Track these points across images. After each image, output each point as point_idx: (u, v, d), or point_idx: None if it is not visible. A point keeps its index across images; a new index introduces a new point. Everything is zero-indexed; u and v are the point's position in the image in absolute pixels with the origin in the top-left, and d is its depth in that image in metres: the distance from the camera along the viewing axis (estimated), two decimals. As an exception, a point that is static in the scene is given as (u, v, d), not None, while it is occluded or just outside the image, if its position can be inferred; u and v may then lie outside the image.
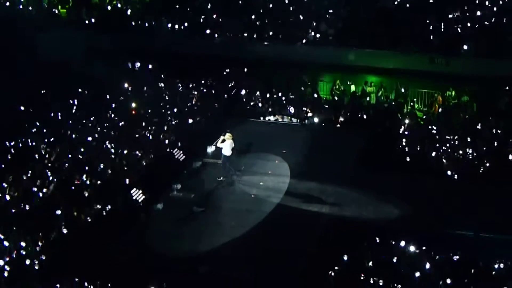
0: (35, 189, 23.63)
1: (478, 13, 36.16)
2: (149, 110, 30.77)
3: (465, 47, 34.60)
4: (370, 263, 20.71)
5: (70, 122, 28.98)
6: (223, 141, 25.83)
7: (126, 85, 32.84)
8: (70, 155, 26.10)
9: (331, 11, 37.87)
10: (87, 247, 21.55)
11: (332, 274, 20.37)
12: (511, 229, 22.66)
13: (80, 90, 32.07)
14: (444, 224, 23.19)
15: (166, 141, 28.52)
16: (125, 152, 26.71)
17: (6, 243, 20.73)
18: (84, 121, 29.11)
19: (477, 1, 37.09)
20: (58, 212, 22.54)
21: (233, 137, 26.04)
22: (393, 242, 21.48)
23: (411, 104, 32.61)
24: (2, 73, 31.74)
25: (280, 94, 33.71)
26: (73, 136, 27.81)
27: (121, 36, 37.30)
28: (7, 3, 36.52)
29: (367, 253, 21.05)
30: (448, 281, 19.82)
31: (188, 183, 26.11)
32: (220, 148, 26.02)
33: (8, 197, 23.01)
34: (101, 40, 36.69)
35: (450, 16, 36.42)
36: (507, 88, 32.79)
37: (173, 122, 30.07)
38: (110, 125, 29.00)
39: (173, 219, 23.87)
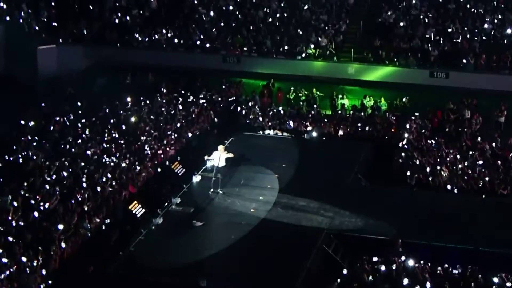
0: (33, 201, 23.58)
1: (478, 26, 36.36)
2: (149, 124, 30.78)
3: (464, 60, 34.71)
4: (370, 277, 20.67)
5: (70, 136, 28.94)
6: (216, 154, 25.84)
7: (126, 98, 32.86)
8: (70, 169, 26.09)
9: (330, 25, 38.10)
10: (86, 261, 21.50)
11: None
12: (510, 243, 22.59)
13: (79, 103, 32.08)
14: (444, 238, 23.12)
15: (166, 155, 28.50)
16: (124, 166, 26.69)
17: (5, 259, 20.66)
18: (83, 135, 29.09)
19: (477, 16, 37.28)
20: (58, 225, 22.51)
21: (225, 149, 26.14)
22: (393, 256, 21.45)
23: (412, 117, 32.58)
24: (2, 86, 31.83)
25: (280, 108, 33.80)
26: (73, 150, 27.79)
27: (121, 49, 37.46)
28: (8, 17, 36.59)
29: (367, 267, 21.02)
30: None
31: (188, 197, 26.06)
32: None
33: (8, 212, 22.97)
34: (101, 53, 36.82)
35: (450, 30, 36.57)
36: (507, 101, 32.84)
37: (173, 136, 30.05)
38: (109, 139, 28.99)
39: (173, 233, 23.79)
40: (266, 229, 23.84)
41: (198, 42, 37.72)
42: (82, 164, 26.46)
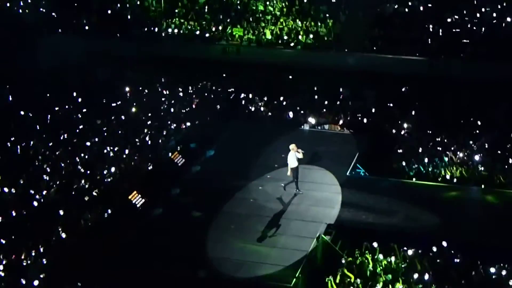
0: (33, 191, 23.66)
1: (478, 16, 36.25)
2: (149, 114, 30.79)
3: (464, 51, 34.63)
4: (370, 267, 20.75)
5: (70, 126, 28.97)
6: (291, 154, 25.14)
7: (125, 89, 32.87)
8: (69, 160, 26.13)
9: (329, 15, 37.99)
10: (87, 251, 21.59)
11: (332, 277, 20.41)
12: (510, 234, 22.64)
13: (79, 94, 32.08)
14: (443, 229, 23.18)
15: (166, 146, 28.53)
16: (124, 156, 26.73)
17: (5, 247, 20.76)
18: (83, 125, 29.12)
19: (476, 3, 37.15)
20: (58, 215, 22.59)
21: (298, 148, 25.20)
22: (393, 246, 21.53)
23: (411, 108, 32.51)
24: (2, 77, 31.84)
25: (281, 98, 33.71)
26: (74, 140, 27.83)
27: (121, 40, 37.39)
28: (8, 7, 36.56)
29: (367, 257, 21.10)
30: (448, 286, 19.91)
31: (187, 187, 26.10)
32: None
33: (7, 201, 23.08)
34: (101, 44, 36.76)
35: (449, 20, 36.46)
36: (507, 92, 32.79)
37: (173, 127, 30.07)
38: (109, 130, 29.02)
39: (172, 223, 23.88)
40: (265, 219, 23.92)
41: (198, 33, 37.66)
42: (82, 154, 26.52)
